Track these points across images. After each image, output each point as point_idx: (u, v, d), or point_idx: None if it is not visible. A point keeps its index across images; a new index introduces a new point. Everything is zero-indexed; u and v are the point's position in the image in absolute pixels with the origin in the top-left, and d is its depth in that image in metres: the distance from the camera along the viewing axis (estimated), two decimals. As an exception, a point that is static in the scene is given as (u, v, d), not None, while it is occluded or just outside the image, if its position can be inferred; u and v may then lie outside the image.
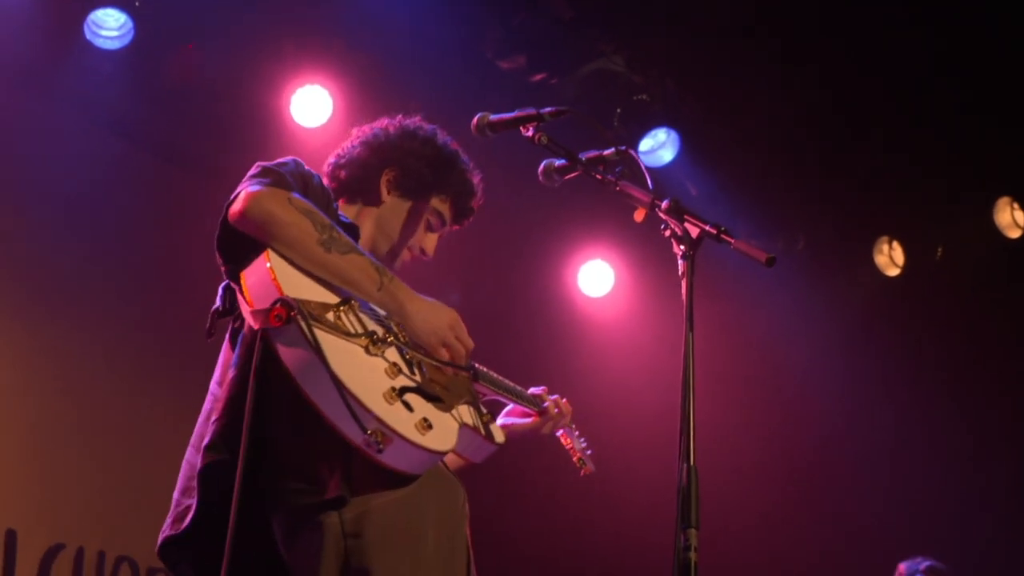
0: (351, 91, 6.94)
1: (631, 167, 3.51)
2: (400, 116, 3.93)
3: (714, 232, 3.15)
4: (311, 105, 6.98)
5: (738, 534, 7.96)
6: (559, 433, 4.44)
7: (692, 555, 2.74)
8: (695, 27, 7.07)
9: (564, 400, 4.37)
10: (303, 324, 3.01)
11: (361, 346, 3.17)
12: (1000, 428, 8.42)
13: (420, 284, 3.51)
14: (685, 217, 3.20)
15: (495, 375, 4.01)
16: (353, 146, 3.88)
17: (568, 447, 4.50)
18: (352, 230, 3.63)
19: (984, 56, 7.17)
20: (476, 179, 3.92)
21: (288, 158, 3.56)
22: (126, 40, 6.63)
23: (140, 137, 7.26)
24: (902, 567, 7.18)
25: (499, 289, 7.83)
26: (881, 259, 8.37)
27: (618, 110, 7.48)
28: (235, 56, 6.87)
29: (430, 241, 3.87)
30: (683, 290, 3.07)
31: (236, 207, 3.25)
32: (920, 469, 8.36)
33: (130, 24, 6.61)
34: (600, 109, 7.39)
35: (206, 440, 3.24)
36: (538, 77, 7.17)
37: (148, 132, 7.24)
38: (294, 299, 3.06)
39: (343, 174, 3.84)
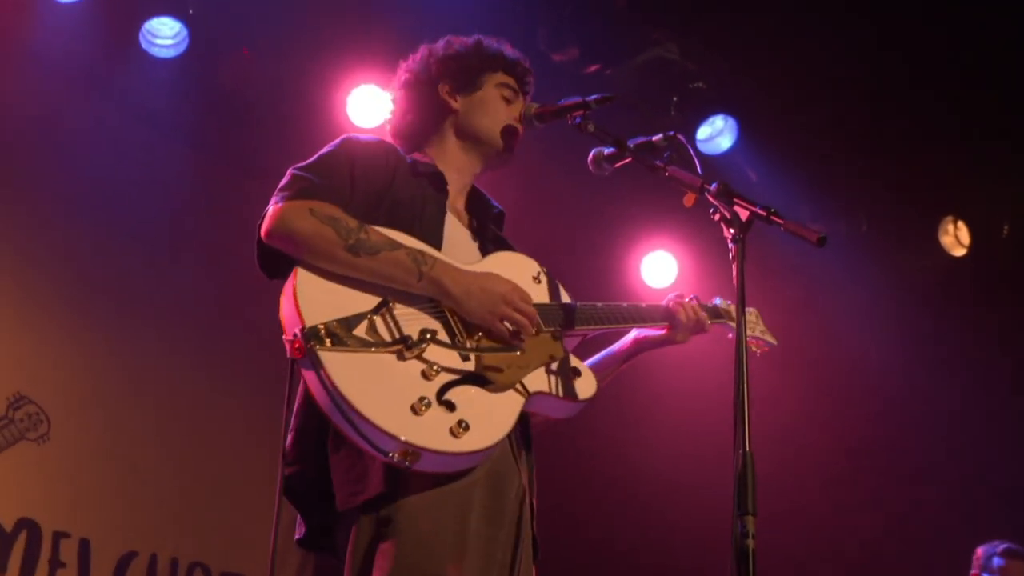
0: (406, 88, 6.93)
1: (680, 152, 3.49)
2: (409, 56, 3.98)
3: (764, 214, 3.12)
4: (367, 104, 6.98)
5: (804, 517, 7.92)
6: (730, 336, 4.21)
7: (750, 542, 2.70)
8: (747, 11, 6.99)
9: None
10: (316, 358, 3.03)
11: (393, 353, 3.16)
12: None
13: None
14: (734, 200, 3.17)
15: (600, 308, 3.83)
16: (399, 101, 3.93)
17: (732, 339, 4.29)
18: (436, 179, 3.64)
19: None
20: (507, 46, 3.94)
21: (336, 141, 3.60)
22: (181, 48, 6.71)
23: (201, 143, 7.32)
24: (979, 551, 7.12)
25: (562, 280, 7.78)
26: (947, 239, 8.24)
27: (674, 98, 7.42)
28: (290, 59, 6.91)
29: (516, 110, 3.84)
30: (734, 274, 3.04)
31: (264, 227, 3.30)
32: (991, 452, 8.24)
33: (185, 32, 6.67)
34: (656, 98, 7.34)
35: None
36: (592, 68, 7.11)
37: (209, 138, 7.29)
38: (312, 327, 3.08)
39: (411, 118, 3.87)
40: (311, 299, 3.16)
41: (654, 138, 3.53)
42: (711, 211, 3.21)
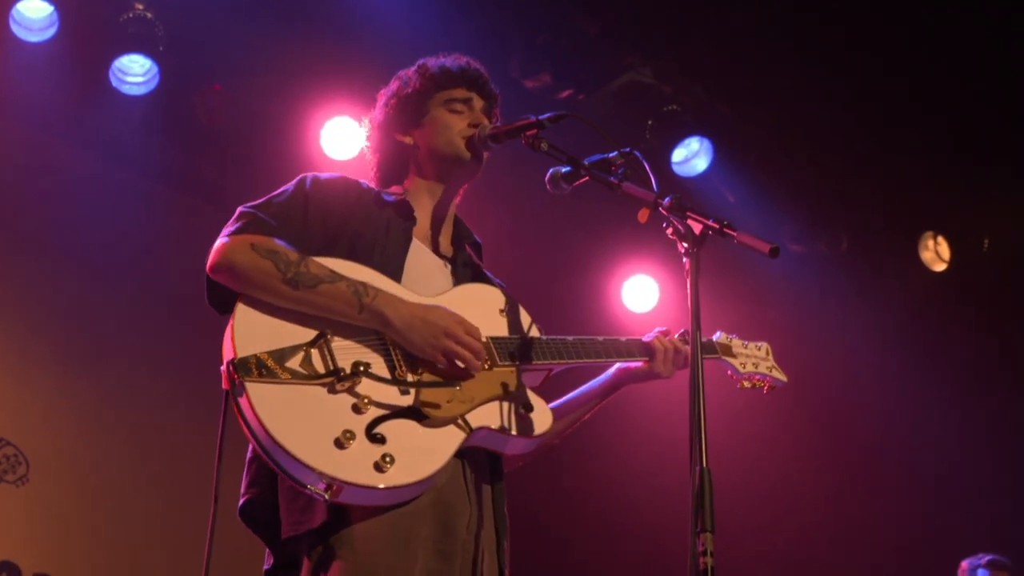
0: (380, 119, 6.91)
1: (636, 168, 3.43)
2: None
3: (717, 226, 3.08)
4: (341, 137, 6.95)
5: (795, 536, 7.89)
6: (729, 373, 4.13)
7: (708, 559, 2.66)
8: (720, 33, 6.98)
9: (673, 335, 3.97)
10: (243, 389, 3.06)
11: (324, 386, 3.15)
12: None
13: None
14: (688, 214, 3.13)
15: (569, 342, 3.72)
16: (368, 146, 3.97)
17: (732, 377, 4.17)
18: (402, 207, 3.64)
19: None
20: (435, 59, 3.93)
21: (293, 180, 3.59)
22: (152, 85, 6.65)
23: (174, 179, 7.30)
24: (964, 564, 7.11)
25: (541, 304, 7.72)
26: (927, 255, 8.22)
27: (649, 122, 7.40)
28: (263, 93, 6.89)
29: (471, 117, 3.79)
30: (688, 288, 3.00)
31: (209, 262, 3.34)
32: (974, 465, 8.23)
33: (155, 69, 6.62)
34: (631, 121, 7.32)
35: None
36: (565, 94, 7.09)
37: (183, 174, 7.28)
38: (243, 358, 3.10)
39: (378, 159, 3.90)
40: (247, 331, 3.19)
41: (610, 155, 3.48)
42: (664, 225, 3.17)
